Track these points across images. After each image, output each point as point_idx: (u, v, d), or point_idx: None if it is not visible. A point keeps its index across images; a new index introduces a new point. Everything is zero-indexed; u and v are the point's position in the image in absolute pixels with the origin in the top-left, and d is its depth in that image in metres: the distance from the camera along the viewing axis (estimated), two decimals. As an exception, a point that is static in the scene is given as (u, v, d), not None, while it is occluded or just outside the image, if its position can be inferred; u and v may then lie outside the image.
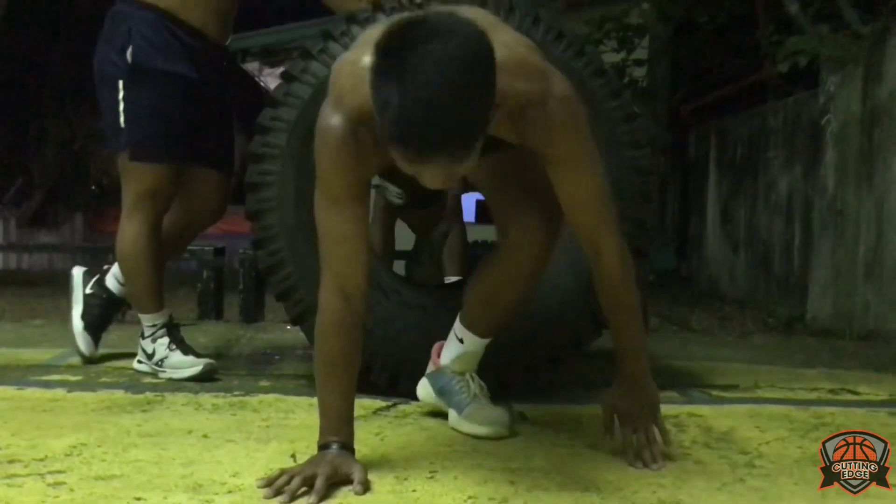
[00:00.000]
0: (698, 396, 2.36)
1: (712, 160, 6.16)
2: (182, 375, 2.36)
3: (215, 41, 2.45)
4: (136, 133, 2.35)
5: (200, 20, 2.38)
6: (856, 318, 3.95)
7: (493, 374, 2.14)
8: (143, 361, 2.46)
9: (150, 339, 2.44)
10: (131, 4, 2.35)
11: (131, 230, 2.41)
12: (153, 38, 2.32)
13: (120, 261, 2.48)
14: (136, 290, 2.47)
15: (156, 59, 2.32)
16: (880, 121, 3.92)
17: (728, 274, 5.77)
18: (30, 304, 5.42)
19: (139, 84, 2.32)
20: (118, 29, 2.35)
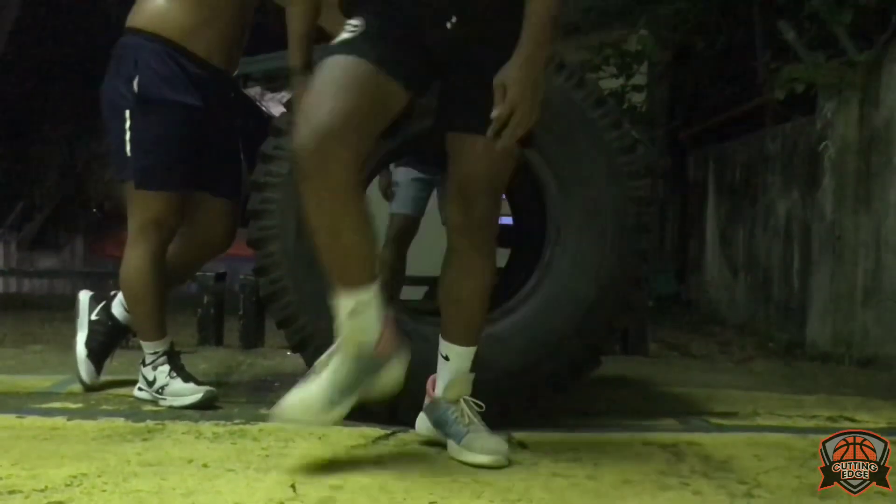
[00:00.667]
0: (697, 424, 2.36)
1: (711, 185, 6.18)
2: (182, 403, 2.37)
3: (222, 70, 2.48)
4: (142, 161, 2.38)
5: (206, 50, 2.41)
6: (855, 343, 3.96)
7: (494, 403, 2.15)
8: (144, 389, 2.47)
9: (150, 367, 2.45)
10: (138, 36, 2.39)
11: (135, 257, 2.42)
12: (159, 68, 2.35)
13: (123, 287, 2.49)
14: (139, 317, 2.49)
15: (161, 89, 2.35)
16: (877, 146, 3.95)
17: (728, 298, 5.78)
18: (30, 330, 5.42)
19: (145, 114, 2.36)
20: (125, 60, 2.38)
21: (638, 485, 1.72)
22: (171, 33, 2.37)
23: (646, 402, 2.70)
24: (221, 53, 2.46)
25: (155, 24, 2.37)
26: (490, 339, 2.19)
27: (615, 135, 2.23)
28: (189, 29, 2.38)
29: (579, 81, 2.23)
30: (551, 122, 2.19)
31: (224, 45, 2.46)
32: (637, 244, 2.23)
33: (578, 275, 2.21)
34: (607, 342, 2.31)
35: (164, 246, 2.47)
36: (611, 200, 2.21)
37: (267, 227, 2.20)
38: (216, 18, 2.41)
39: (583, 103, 2.22)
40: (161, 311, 2.48)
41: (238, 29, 2.51)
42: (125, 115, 2.37)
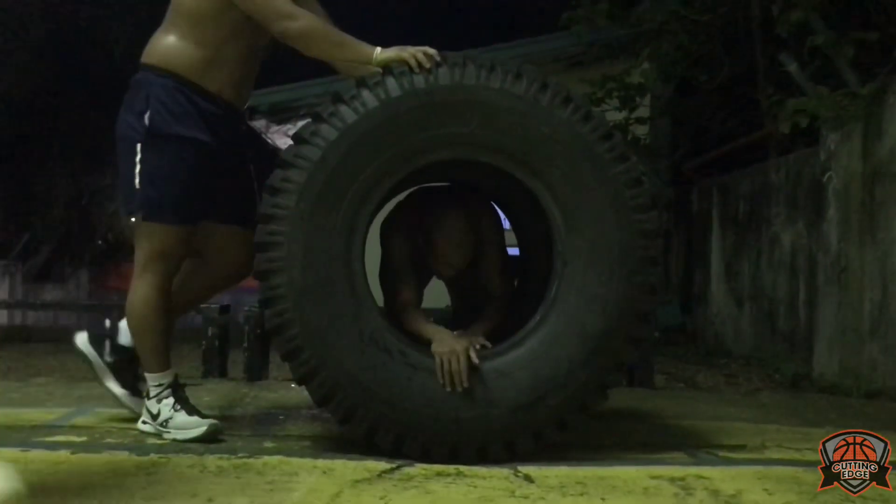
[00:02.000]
0: (705, 458, 2.34)
1: (715, 216, 6.19)
2: (186, 437, 2.36)
3: (232, 105, 2.51)
4: (150, 194, 2.39)
5: (216, 86, 2.44)
6: (863, 375, 3.93)
7: (500, 437, 2.14)
8: (148, 422, 2.46)
9: (154, 400, 2.44)
10: (150, 72, 2.42)
11: (141, 290, 2.43)
12: (169, 104, 2.38)
13: (129, 319, 2.49)
14: (144, 350, 2.48)
15: (171, 124, 2.38)
16: (881, 178, 3.96)
17: (733, 330, 5.76)
18: (34, 362, 5.41)
19: (155, 147, 2.38)
20: (138, 95, 2.42)
21: (647, 520, 1.70)
22: (183, 70, 2.40)
23: (653, 435, 2.68)
24: (232, 89, 2.49)
25: (167, 60, 2.41)
26: (496, 372, 2.18)
27: (621, 168, 2.23)
28: (200, 66, 2.41)
29: (585, 115, 2.24)
30: (557, 156, 2.21)
31: (234, 81, 2.49)
32: (644, 277, 2.22)
33: (585, 308, 2.21)
34: (614, 376, 2.29)
35: (170, 278, 2.48)
36: (617, 234, 2.22)
37: (273, 259, 2.19)
38: (227, 56, 2.45)
39: (589, 137, 2.22)
40: (166, 343, 2.48)
41: (248, 66, 2.54)
42: (136, 148, 2.40)
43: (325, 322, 2.17)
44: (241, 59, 2.49)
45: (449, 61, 2.22)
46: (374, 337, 2.19)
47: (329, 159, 2.18)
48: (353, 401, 2.17)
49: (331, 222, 2.19)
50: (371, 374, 2.16)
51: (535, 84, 2.21)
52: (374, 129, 2.19)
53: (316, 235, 2.19)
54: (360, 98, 2.20)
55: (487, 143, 2.22)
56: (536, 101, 2.21)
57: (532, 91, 2.21)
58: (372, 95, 2.20)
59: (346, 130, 2.19)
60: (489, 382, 2.18)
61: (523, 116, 2.20)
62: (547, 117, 2.20)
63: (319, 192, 2.19)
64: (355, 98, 2.20)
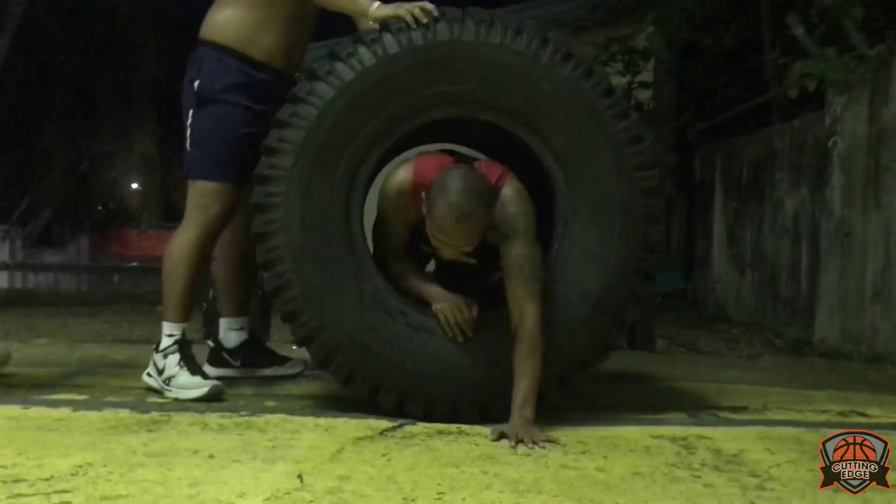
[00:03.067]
0: (707, 418, 2.34)
1: (718, 182, 6.16)
2: (187, 396, 2.37)
3: (283, 72, 2.55)
4: (195, 153, 2.51)
5: (265, 54, 2.50)
6: (864, 340, 3.93)
7: (502, 398, 2.14)
8: (153, 375, 2.48)
9: (161, 354, 2.46)
10: (206, 46, 2.52)
11: (180, 237, 2.51)
12: (217, 72, 2.49)
13: (164, 265, 2.54)
14: (169, 292, 2.51)
15: (218, 90, 2.48)
16: (887, 143, 3.92)
17: (735, 296, 5.75)
18: (35, 324, 5.42)
19: (202, 111, 2.50)
20: (193, 67, 2.54)
21: (648, 477, 1.70)
22: (233, 41, 2.49)
23: (654, 396, 2.68)
24: (282, 55, 2.54)
25: (216, 34, 2.51)
26: (498, 331, 2.17)
27: (622, 125, 2.21)
28: (249, 33, 2.49)
29: (586, 72, 2.20)
30: (558, 113, 2.18)
31: (284, 45, 2.54)
32: (645, 236, 2.21)
33: (586, 267, 2.20)
34: (616, 335, 2.28)
35: (212, 235, 2.53)
36: (619, 192, 2.20)
37: (271, 221, 2.18)
38: (275, 21, 2.50)
39: (590, 94, 2.19)
40: (191, 296, 2.52)
41: (298, 29, 2.57)
42: (189, 114, 2.53)
43: (325, 283, 2.16)
44: (290, 20, 2.53)
45: (447, 17, 2.18)
46: (375, 298, 2.18)
47: (326, 118, 2.16)
48: (355, 362, 2.16)
49: (329, 182, 2.18)
50: (372, 335, 2.16)
51: (536, 40, 2.18)
52: (371, 88, 2.16)
53: (314, 196, 2.17)
54: (357, 55, 2.17)
55: (487, 100, 2.20)
56: (537, 57, 2.17)
57: (532, 47, 2.17)
58: (369, 52, 2.17)
59: (344, 89, 2.16)
60: (491, 341, 2.17)
61: (524, 73, 2.17)
62: (548, 74, 2.17)
63: (317, 152, 2.16)
64: (352, 55, 2.17)
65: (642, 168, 2.21)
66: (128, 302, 7.51)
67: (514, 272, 2.09)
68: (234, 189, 2.50)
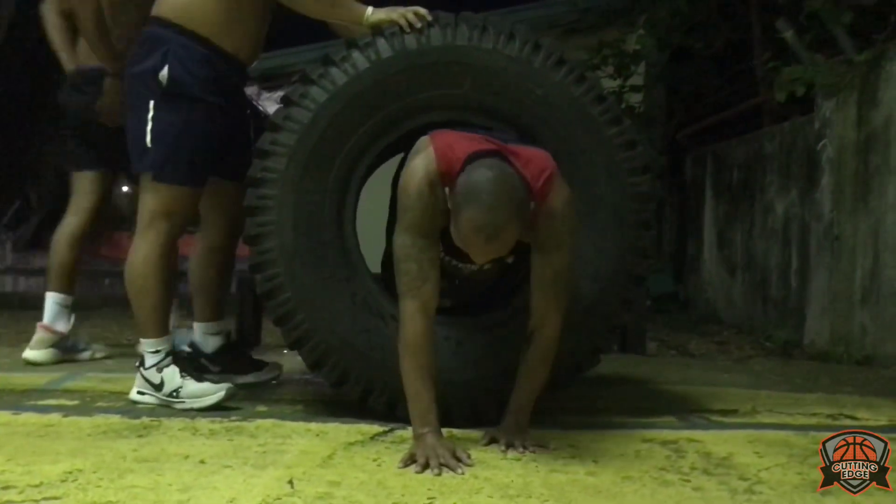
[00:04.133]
0: (697, 421, 2.35)
1: (709, 185, 6.18)
2: (204, 404, 2.28)
3: (245, 65, 2.49)
4: (160, 154, 2.35)
5: (235, 46, 2.40)
6: (853, 342, 3.95)
7: (493, 400, 2.14)
8: (148, 393, 2.37)
9: (155, 369, 2.35)
10: (168, 29, 2.34)
11: (143, 249, 2.38)
12: (190, 65, 2.33)
13: (128, 279, 2.41)
14: (143, 311, 2.39)
15: (188, 85, 2.33)
16: (875, 146, 3.95)
17: (725, 298, 5.77)
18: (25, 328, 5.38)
19: (168, 107, 2.33)
20: (153, 51, 2.34)
21: (638, 481, 1.71)
22: (202, 28, 2.34)
23: (645, 400, 2.69)
24: (248, 49, 2.45)
25: (183, 17, 2.33)
26: (489, 336, 2.18)
27: (615, 131, 2.22)
28: (220, 24, 2.35)
29: (579, 77, 2.21)
30: (551, 118, 2.19)
31: (251, 40, 2.45)
32: (637, 241, 2.21)
33: (578, 272, 2.20)
34: (607, 339, 2.29)
35: (173, 239, 2.43)
36: (610, 197, 2.20)
37: (263, 224, 2.18)
38: (246, 14, 2.40)
39: (582, 99, 2.20)
40: (166, 307, 2.43)
41: (262, 25, 2.49)
42: (148, 105, 2.34)
43: (317, 286, 2.16)
44: (258, 17, 2.45)
45: (441, 22, 2.19)
46: (367, 301, 2.19)
47: (319, 122, 2.16)
48: (346, 365, 2.17)
49: (321, 186, 2.18)
50: (364, 337, 2.16)
51: (529, 45, 2.18)
52: (364, 91, 2.16)
53: (307, 199, 2.17)
54: (351, 59, 2.18)
55: (480, 104, 2.20)
56: (530, 62, 2.18)
57: (525, 52, 2.18)
58: (363, 57, 2.17)
59: (337, 92, 2.16)
60: (482, 346, 2.17)
61: (516, 78, 2.18)
62: (540, 79, 2.18)
63: (310, 155, 2.17)
64: (346, 59, 2.18)
65: (634, 173, 2.22)
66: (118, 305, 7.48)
67: (545, 282, 1.93)
68: (199, 192, 2.43)
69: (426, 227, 1.87)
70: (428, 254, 1.87)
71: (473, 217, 1.71)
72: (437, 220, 1.88)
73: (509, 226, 1.73)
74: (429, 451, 1.77)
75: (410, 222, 1.88)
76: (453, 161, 1.84)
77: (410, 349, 1.87)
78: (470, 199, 1.72)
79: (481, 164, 1.79)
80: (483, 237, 1.72)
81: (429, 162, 1.88)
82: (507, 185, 1.75)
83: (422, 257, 1.86)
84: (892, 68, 3.87)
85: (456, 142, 1.89)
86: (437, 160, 1.87)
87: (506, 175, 1.77)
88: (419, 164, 1.88)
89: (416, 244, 1.87)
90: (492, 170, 1.77)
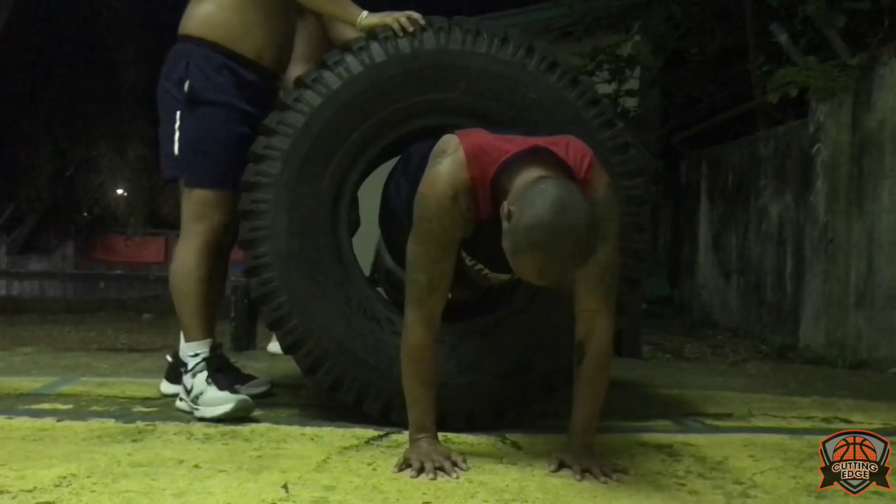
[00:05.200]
0: (692, 425, 2.36)
1: (704, 188, 6.19)
2: (212, 414, 2.22)
3: (271, 70, 2.47)
4: (188, 159, 2.38)
5: (256, 52, 2.39)
6: (848, 346, 3.96)
7: (488, 404, 2.14)
8: (184, 399, 2.35)
9: (190, 374, 2.33)
10: (190, 41, 2.38)
11: (183, 254, 2.40)
12: (209, 72, 2.35)
13: (172, 283, 2.43)
14: (184, 313, 2.40)
15: (209, 91, 2.34)
16: (869, 150, 3.96)
17: (720, 301, 5.78)
18: (20, 332, 5.38)
19: (193, 114, 2.36)
20: (178, 64, 2.39)
21: (633, 485, 1.71)
22: (221, 37, 2.36)
23: (640, 403, 2.69)
24: (271, 54, 2.44)
25: (203, 29, 2.37)
26: (484, 340, 2.18)
27: (608, 134, 2.22)
28: (238, 31, 2.37)
29: (573, 81, 2.22)
30: (544, 122, 2.19)
31: (274, 45, 2.44)
32: (631, 244, 2.22)
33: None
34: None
35: (213, 244, 2.41)
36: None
37: (258, 228, 2.18)
38: (266, 19, 2.39)
39: (576, 102, 2.21)
40: (208, 311, 2.41)
41: (287, 29, 2.48)
42: (175, 116, 2.38)
43: (312, 290, 2.16)
44: (280, 21, 2.43)
45: (434, 26, 2.20)
46: (362, 305, 2.18)
47: (313, 126, 2.17)
48: (341, 369, 2.16)
49: (316, 190, 2.18)
50: (359, 342, 2.16)
51: (522, 49, 2.19)
52: (358, 96, 2.17)
53: (301, 203, 2.17)
54: (345, 64, 2.18)
55: (474, 108, 2.20)
56: (523, 66, 2.19)
57: (519, 56, 2.18)
58: (356, 61, 2.18)
59: (331, 96, 2.17)
60: (477, 349, 2.17)
61: (510, 82, 2.18)
62: (534, 83, 2.19)
63: (304, 160, 2.17)
64: (339, 64, 2.18)
65: (628, 176, 2.22)
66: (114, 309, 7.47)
67: (592, 282, 1.76)
68: (232, 195, 2.39)
69: (443, 239, 1.77)
70: (441, 266, 1.78)
71: (540, 264, 1.58)
72: (457, 232, 1.78)
73: (578, 268, 1.64)
74: (423, 456, 1.77)
75: (427, 234, 1.78)
76: (486, 163, 1.73)
77: (409, 357, 1.84)
78: (537, 245, 1.57)
79: (548, 190, 1.60)
80: (546, 280, 1.62)
81: (457, 168, 1.75)
82: (579, 228, 1.57)
83: (434, 269, 1.78)
84: (886, 72, 3.89)
85: (488, 143, 1.77)
86: (469, 165, 1.74)
87: (577, 211, 1.58)
88: (445, 169, 1.76)
89: (430, 255, 1.78)
90: (560, 205, 1.57)
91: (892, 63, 3.86)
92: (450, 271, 1.81)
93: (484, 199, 1.75)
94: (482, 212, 1.77)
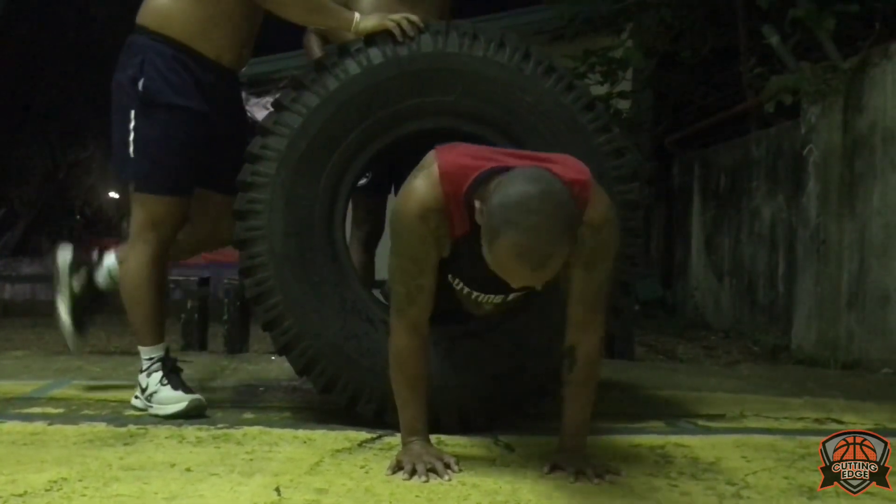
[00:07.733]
0: (684, 426, 2.36)
1: (696, 190, 6.21)
2: (166, 412, 2.27)
3: (231, 70, 2.42)
4: (144, 164, 2.33)
5: (215, 51, 2.35)
6: (840, 346, 3.97)
7: (480, 406, 2.14)
8: (139, 397, 2.38)
9: (145, 374, 2.36)
10: (146, 36, 2.32)
11: (134, 259, 2.37)
12: (165, 71, 2.29)
13: (122, 289, 2.42)
14: (136, 320, 2.39)
15: (165, 93, 2.29)
16: (861, 151, 3.98)
17: (713, 303, 5.80)
18: (11, 335, 5.35)
19: (148, 116, 2.30)
20: (132, 59, 2.32)
21: (626, 486, 1.71)
22: (180, 33, 2.30)
23: (633, 405, 2.69)
24: (232, 52, 2.39)
25: (161, 23, 2.30)
26: (478, 341, 2.18)
27: (604, 139, 2.22)
28: (197, 29, 2.31)
29: (568, 85, 2.22)
30: (540, 126, 2.19)
31: (235, 42, 2.38)
32: (625, 248, 2.22)
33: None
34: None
35: (165, 248, 2.40)
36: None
37: (253, 228, 2.17)
38: (226, 17, 2.33)
39: (572, 107, 2.21)
40: (159, 315, 2.40)
41: (249, 25, 2.42)
42: (130, 114, 2.32)
43: (307, 291, 2.16)
44: (241, 20, 2.37)
45: (431, 29, 2.20)
46: (357, 306, 2.18)
47: (310, 127, 2.16)
48: (335, 370, 2.16)
49: (312, 190, 2.18)
50: (353, 343, 2.15)
51: (519, 52, 2.19)
52: (355, 97, 2.16)
53: (297, 204, 2.17)
54: (342, 65, 2.17)
55: (470, 111, 2.20)
56: (520, 69, 2.19)
57: (515, 60, 2.18)
58: (354, 63, 2.17)
59: (328, 98, 2.16)
60: (470, 351, 2.17)
61: (506, 85, 2.18)
62: (530, 86, 2.18)
63: (300, 160, 2.17)
64: (337, 65, 2.18)
65: (623, 181, 2.22)
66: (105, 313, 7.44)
67: (583, 298, 1.76)
68: (186, 200, 2.39)
69: (415, 255, 1.75)
70: (418, 280, 1.76)
71: (516, 242, 1.48)
72: (430, 249, 1.74)
73: (559, 249, 1.51)
74: (415, 458, 1.76)
75: (399, 249, 1.77)
76: (460, 177, 1.68)
77: (396, 361, 1.84)
78: (510, 221, 1.48)
79: (519, 174, 1.57)
80: (528, 265, 1.49)
81: (430, 184, 1.71)
82: (553, 199, 1.51)
83: (410, 283, 1.77)
84: (877, 74, 3.91)
85: (465, 158, 1.72)
86: (442, 181, 1.69)
87: (550, 186, 1.53)
88: (418, 186, 1.72)
89: (405, 269, 1.77)
90: (532, 182, 1.53)
91: (882, 65, 3.88)
92: (429, 286, 1.78)
93: (458, 216, 1.71)
94: (456, 228, 1.73)
